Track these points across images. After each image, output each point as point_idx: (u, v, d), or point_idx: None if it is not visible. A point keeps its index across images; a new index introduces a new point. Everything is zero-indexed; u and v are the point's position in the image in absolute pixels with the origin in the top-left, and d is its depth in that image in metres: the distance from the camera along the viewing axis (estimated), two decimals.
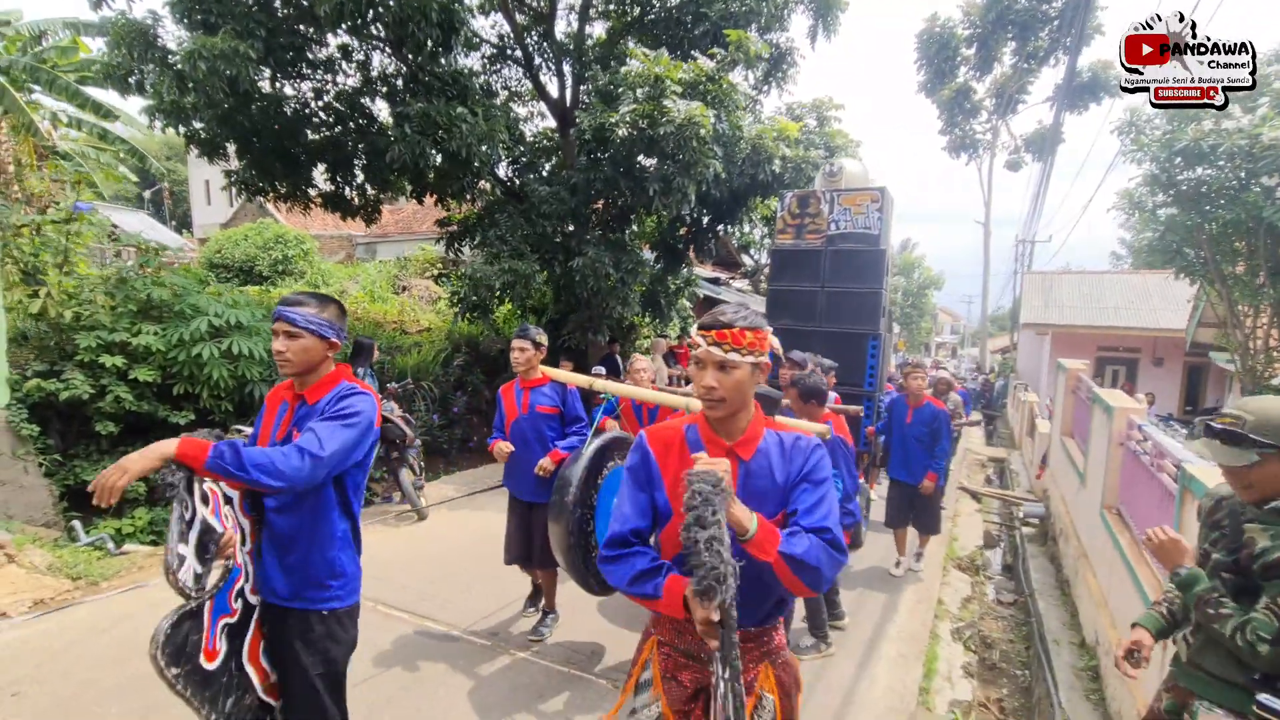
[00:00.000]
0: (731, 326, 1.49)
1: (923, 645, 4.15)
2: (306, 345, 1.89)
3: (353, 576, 2.02)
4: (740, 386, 1.50)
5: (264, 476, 1.64)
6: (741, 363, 1.48)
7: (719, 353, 1.48)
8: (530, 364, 3.56)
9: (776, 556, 1.38)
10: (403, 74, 8.10)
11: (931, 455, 4.95)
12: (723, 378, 1.49)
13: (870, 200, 5.82)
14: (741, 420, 1.57)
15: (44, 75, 8.96)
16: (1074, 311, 16.28)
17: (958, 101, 21.69)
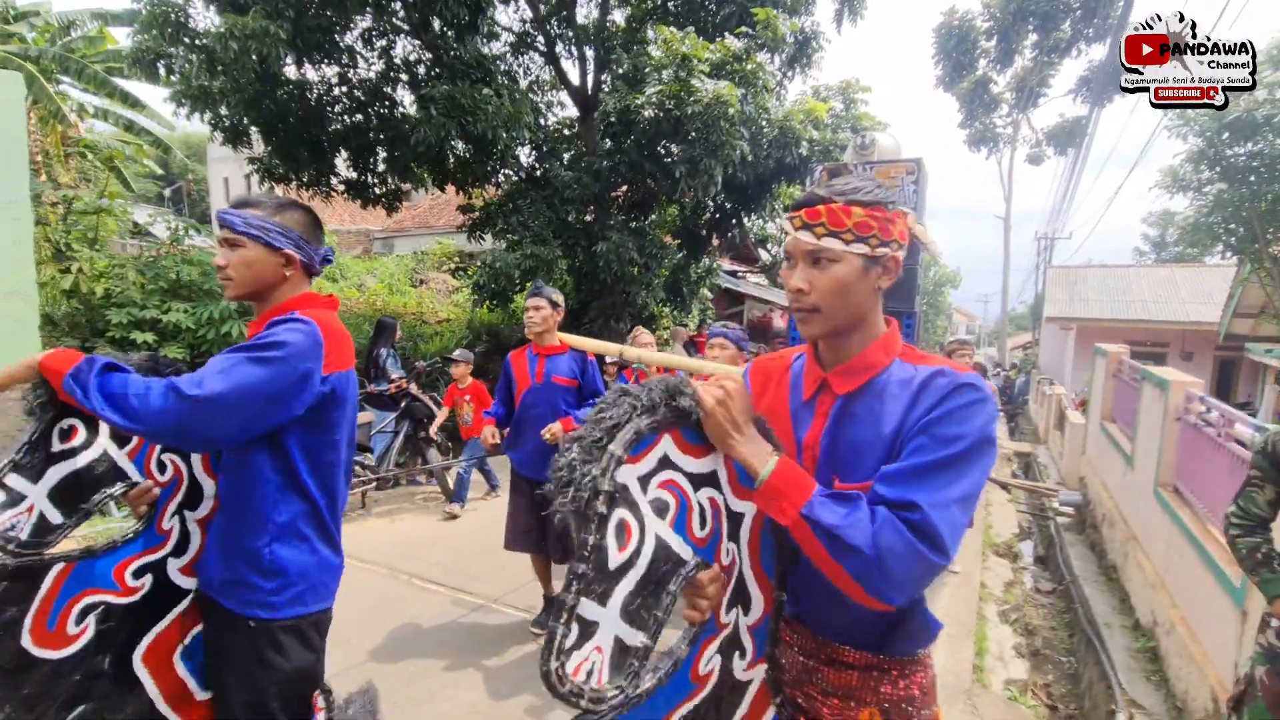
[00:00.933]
0: (829, 201, 1.02)
1: (971, 626, 4.02)
2: (250, 258, 1.42)
3: (301, 578, 1.42)
4: (844, 289, 1.02)
5: (109, 410, 1.22)
6: (844, 253, 1.01)
7: (809, 239, 1.03)
8: (547, 326, 3.18)
9: (795, 518, 0.94)
10: (425, 60, 8.08)
11: None
12: (815, 276, 1.03)
13: (906, 172, 5.66)
14: (854, 341, 1.08)
15: (73, 65, 9.03)
16: (1100, 305, 16.01)
17: (977, 94, 21.42)
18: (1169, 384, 4.18)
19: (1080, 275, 17.35)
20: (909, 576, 0.90)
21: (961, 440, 0.94)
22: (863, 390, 1.06)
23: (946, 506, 0.92)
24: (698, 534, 0.99)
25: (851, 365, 1.08)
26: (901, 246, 1.05)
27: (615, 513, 0.87)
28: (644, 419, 0.91)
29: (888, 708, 1.09)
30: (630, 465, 0.89)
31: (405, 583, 4.00)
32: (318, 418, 1.42)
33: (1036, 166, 22.27)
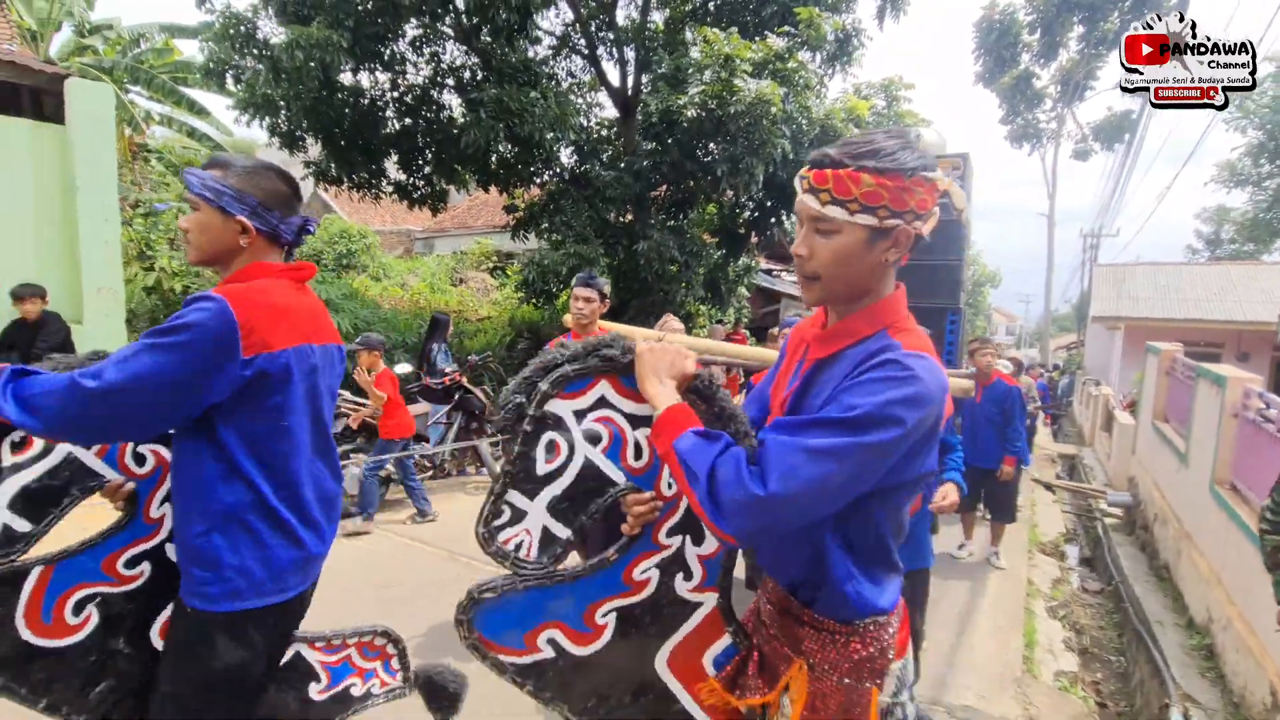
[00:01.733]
0: (839, 166, 0.95)
1: (1019, 619, 4.04)
2: (205, 221, 1.32)
3: (239, 573, 1.31)
4: (844, 260, 0.98)
5: (17, 415, 1.16)
6: (847, 223, 0.96)
7: (813, 204, 0.97)
8: (594, 318, 3.14)
9: (666, 450, 1.04)
10: (472, 65, 8.33)
11: (1004, 438, 4.60)
12: (817, 244, 0.99)
13: (951, 168, 5.65)
14: (858, 313, 1.05)
15: (142, 75, 9.55)
16: (1150, 304, 15.52)
17: (1019, 89, 20.94)
18: (1226, 380, 4.12)
19: (1128, 273, 16.84)
20: (732, 504, 0.92)
21: (855, 409, 0.91)
22: (835, 357, 1.04)
23: (792, 449, 0.91)
24: (633, 464, 1.19)
25: (834, 331, 1.06)
26: (920, 217, 0.97)
27: (545, 434, 1.15)
28: (572, 365, 1.14)
29: (814, 664, 1.10)
30: (564, 400, 1.16)
31: (464, 564, 4.19)
32: (254, 403, 1.29)
33: (1083, 162, 21.69)
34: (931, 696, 3.04)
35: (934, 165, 0.98)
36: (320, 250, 14.69)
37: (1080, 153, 21.59)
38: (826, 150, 0.98)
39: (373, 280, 12.94)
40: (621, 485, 1.19)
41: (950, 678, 3.24)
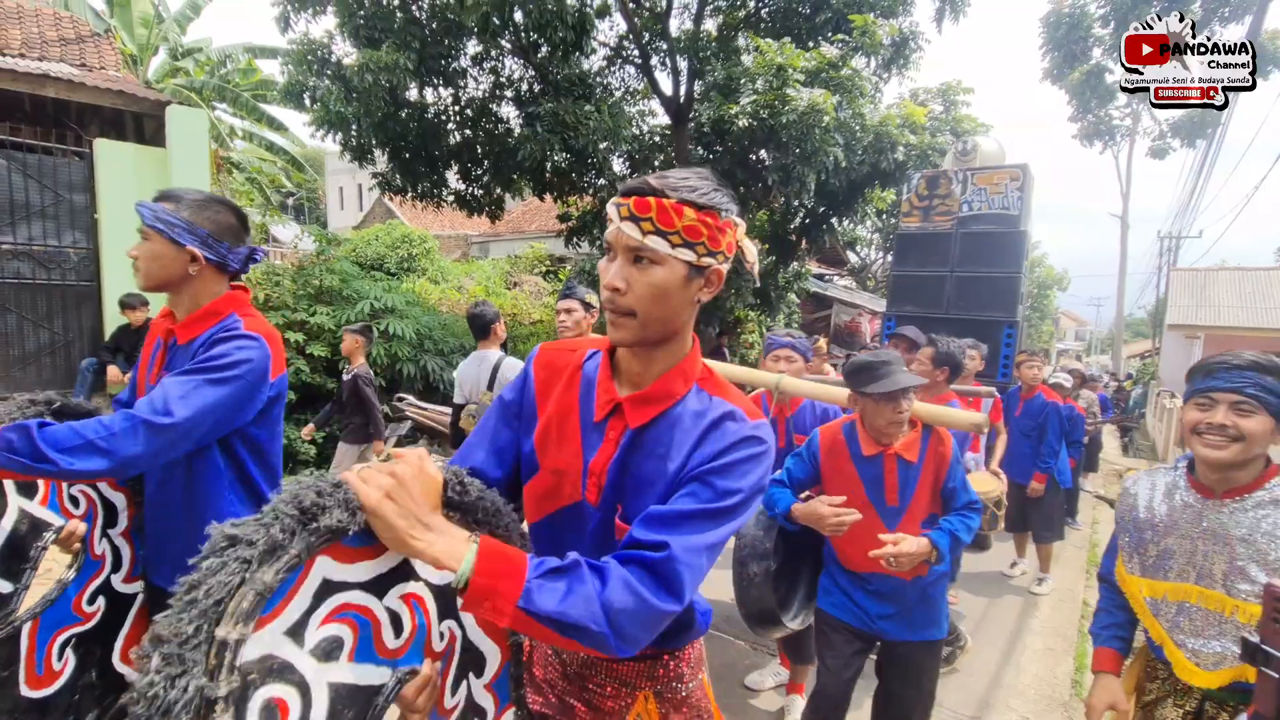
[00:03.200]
0: (662, 195, 0.90)
1: (1072, 641, 3.96)
2: (156, 251, 1.42)
3: None
4: (663, 295, 0.93)
5: (80, 462, 1.22)
6: (669, 256, 0.91)
7: (633, 233, 0.91)
8: (580, 330, 2.95)
9: (514, 615, 0.80)
10: (529, 78, 8.62)
11: (1037, 453, 4.48)
12: (634, 276, 0.93)
13: (1010, 179, 5.55)
14: (659, 358, 1.00)
15: (228, 94, 10.29)
16: (1233, 312, 14.59)
17: (1090, 85, 19.95)
18: None
19: (1209, 279, 15.86)
20: (642, 630, 0.84)
21: (735, 495, 0.91)
22: (656, 423, 0.99)
23: (697, 552, 0.87)
24: (392, 646, 0.85)
25: (649, 394, 1.00)
26: (728, 259, 0.96)
27: (255, 697, 0.67)
28: (268, 570, 0.68)
29: (660, 689, 1.12)
30: (268, 625, 0.69)
31: None
32: (263, 416, 1.49)
33: (1160, 160, 20.47)
34: (974, 716, 3.04)
35: (736, 211, 0.97)
36: (383, 255, 15.39)
37: (1157, 150, 20.38)
38: (646, 179, 0.92)
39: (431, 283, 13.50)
40: (390, 685, 0.84)
41: (995, 697, 3.23)
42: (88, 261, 5.45)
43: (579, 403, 1.04)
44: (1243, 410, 1.36)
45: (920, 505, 2.03)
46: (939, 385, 2.92)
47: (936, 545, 1.92)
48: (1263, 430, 1.35)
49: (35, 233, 5.27)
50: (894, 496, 2.01)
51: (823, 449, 2.13)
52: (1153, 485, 1.57)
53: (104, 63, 7.55)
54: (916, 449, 2.02)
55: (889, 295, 6.64)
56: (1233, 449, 1.36)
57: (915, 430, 2.05)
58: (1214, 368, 1.41)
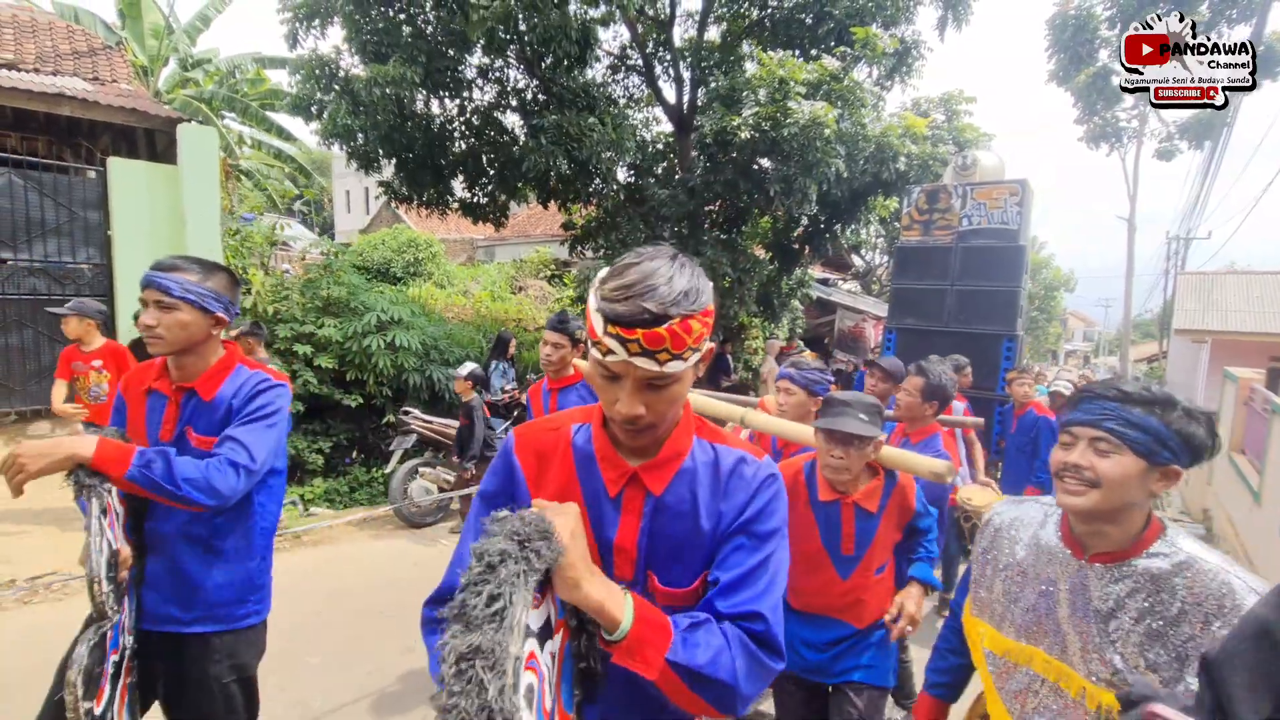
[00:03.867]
0: (667, 319, 0.85)
1: None
2: (185, 320, 1.53)
3: (266, 589, 1.72)
4: (676, 399, 0.94)
5: (196, 493, 1.39)
6: (684, 371, 0.91)
7: (649, 366, 0.87)
8: (563, 364, 2.80)
9: (662, 669, 0.84)
10: (533, 88, 8.70)
11: (1030, 469, 4.49)
12: (652, 399, 0.91)
13: (1009, 193, 5.58)
14: (674, 434, 1.01)
15: (237, 103, 10.41)
16: (1240, 317, 14.51)
17: (1096, 87, 19.86)
18: None
19: (1216, 282, 15.78)
20: (758, 689, 0.91)
21: (775, 536, 0.98)
22: (673, 483, 0.99)
23: (778, 604, 0.95)
24: (548, 705, 0.81)
25: (661, 458, 0.99)
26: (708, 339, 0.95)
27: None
28: (527, 591, 0.69)
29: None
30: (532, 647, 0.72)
31: None
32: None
33: (1167, 162, 20.34)
34: None
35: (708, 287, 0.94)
36: (390, 259, 15.53)
37: (1164, 152, 20.25)
38: (643, 305, 0.85)
39: (437, 287, 13.61)
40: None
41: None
42: (102, 277, 5.57)
43: (579, 480, 1.01)
44: (1100, 449, 1.11)
45: (877, 555, 1.91)
46: (926, 417, 2.75)
47: (927, 582, 1.92)
48: (1123, 474, 1.08)
49: (50, 249, 5.39)
50: (850, 545, 1.88)
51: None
52: (1017, 521, 1.31)
53: (116, 75, 7.67)
54: (877, 499, 1.88)
55: (890, 308, 6.68)
56: (1090, 496, 1.10)
57: (878, 478, 1.90)
58: (1079, 397, 1.19)
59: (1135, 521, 1.13)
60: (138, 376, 1.66)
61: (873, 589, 1.90)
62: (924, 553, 2.02)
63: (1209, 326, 14.58)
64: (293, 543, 4.73)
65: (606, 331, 0.88)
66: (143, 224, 5.45)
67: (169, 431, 1.58)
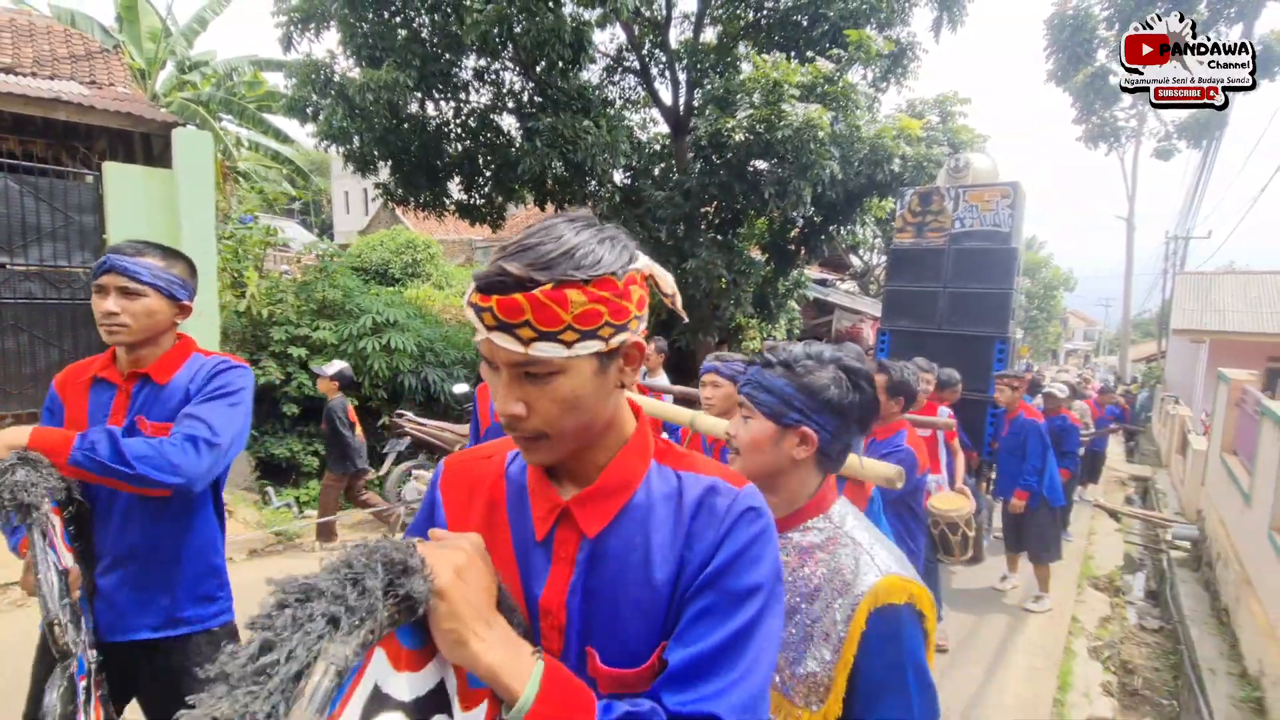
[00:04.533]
0: (530, 286, 0.65)
1: (1056, 659, 4.02)
2: (153, 307, 1.43)
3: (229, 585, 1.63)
4: (576, 406, 0.70)
5: (155, 472, 1.28)
6: (569, 361, 0.67)
7: (511, 346, 0.66)
8: None
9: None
10: (529, 90, 8.72)
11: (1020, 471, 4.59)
12: (533, 395, 0.69)
13: (1001, 196, 5.60)
14: (599, 452, 0.77)
15: (234, 106, 10.44)
16: (1238, 317, 14.51)
17: (1094, 87, 19.87)
18: None
19: (1215, 282, 15.79)
20: None
21: (757, 593, 0.70)
22: (618, 520, 0.74)
23: (754, 702, 0.68)
24: None
25: (600, 488, 0.75)
26: (642, 318, 0.72)
27: None
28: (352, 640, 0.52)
29: None
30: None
31: None
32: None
33: (1165, 161, 20.35)
34: None
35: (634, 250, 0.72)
36: (388, 260, 15.55)
37: (1162, 152, 20.25)
38: (505, 267, 0.64)
39: (435, 289, 13.63)
40: None
41: (975, 714, 3.30)
42: None
43: (509, 521, 0.79)
44: (744, 416, 1.11)
45: None
46: (892, 414, 2.78)
47: None
48: (752, 438, 1.06)
49: (46, 254, 5.41)
50: None
51: None
52: None
53: (113, 78, 7.69)
54: None
55: (883, 310, 6.69)
56: (737, 462, 1.08)
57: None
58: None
59: (793, 491, 1.10)
60: (76, 371, 1.53)
61: None
62: None
63: (1207, 326, 14.59)
64: (288, 544, 4.76)
65: (469, 301, 0.68)
66: (138, 228, 5.46)
67: (118, 421, 1.45)
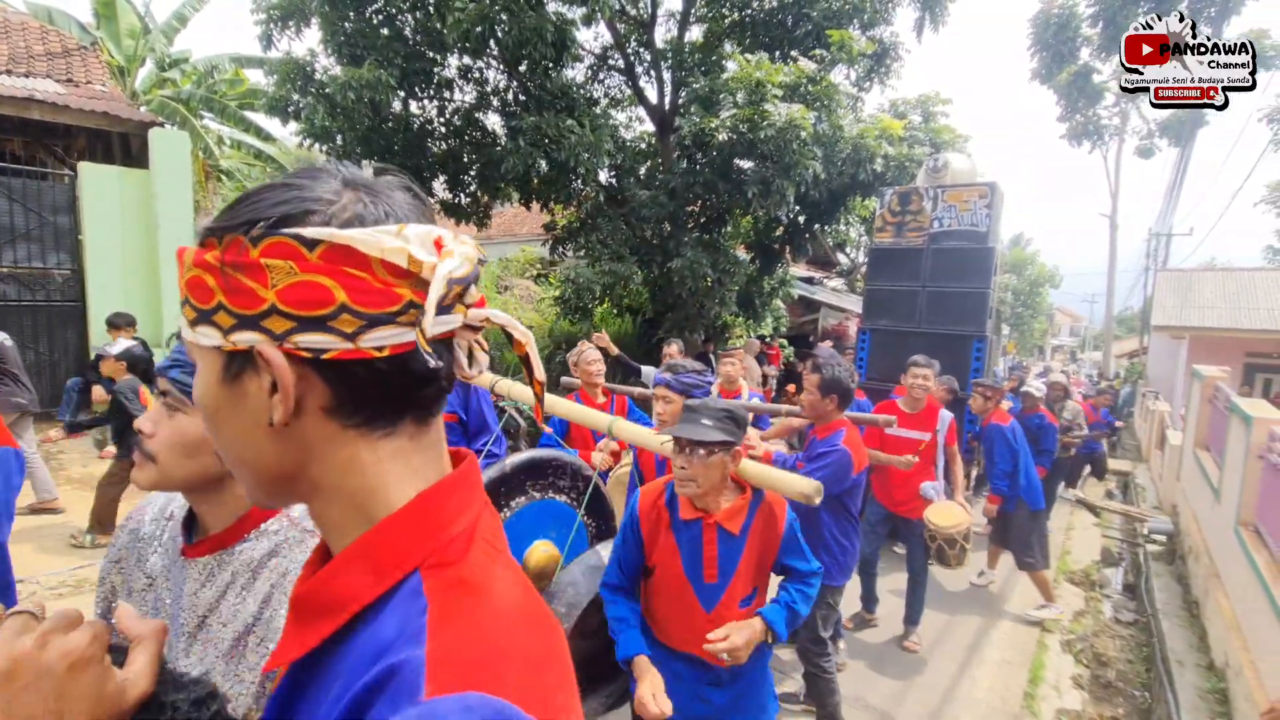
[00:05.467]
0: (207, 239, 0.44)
1: (1029, 653, 4.09)
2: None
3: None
4: (222, 431, 0.48)
5: None
6: (192, 347, 0.47)
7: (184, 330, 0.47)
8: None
9: None
10: (513, 89, 8.70)
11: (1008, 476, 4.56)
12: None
13: (978, 196, 5.65)
14: (351, 551, 0.46)
15: (215, 104, 10.34)
16: (1217, 313, 14.71)
17: (1078, 85, 20.06)
18: (1253, 420, 4.05)
19: (1195, 279, 15.99)
20: None
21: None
22: (315, 664, 0.46)
23: None
24: None
25: (302, 595, 0.47)
26: (321, 323, 0.43)
27: None
28: None
29: None
30: None
31: None
32: None
33: (1147, 160, 20.60)
34: None
35: (342, 209, 0.45)
36: None
37: (1144, 150, 20.52)
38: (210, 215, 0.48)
39: None
40: None
41: (946, 710, 3.36)
42: (72, 282, 5.54)
43: None
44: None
45: (741, 583, 1.74)
46: (830, 413, 2.66)
47: (771, 626, 1.69)
48: None
49: (20, 255, 5.35)
50: (712, 572, 1.71)
51: (642, 514, 1.78)
52: None
53: (90, 76, 7.61)
54: (740, 520, 1.71)
55: (864, 309, 6.74)
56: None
57: (743, 496, 1.74)
58: None
59: None
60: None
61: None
62: (786, 597, 1.77)
63: (1187, 323, 14.79)
64: None
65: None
66: (114, 229, 5.43)
67: None
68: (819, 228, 9.59)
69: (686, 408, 1.72)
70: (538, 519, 2.10)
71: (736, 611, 1.72)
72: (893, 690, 3.49)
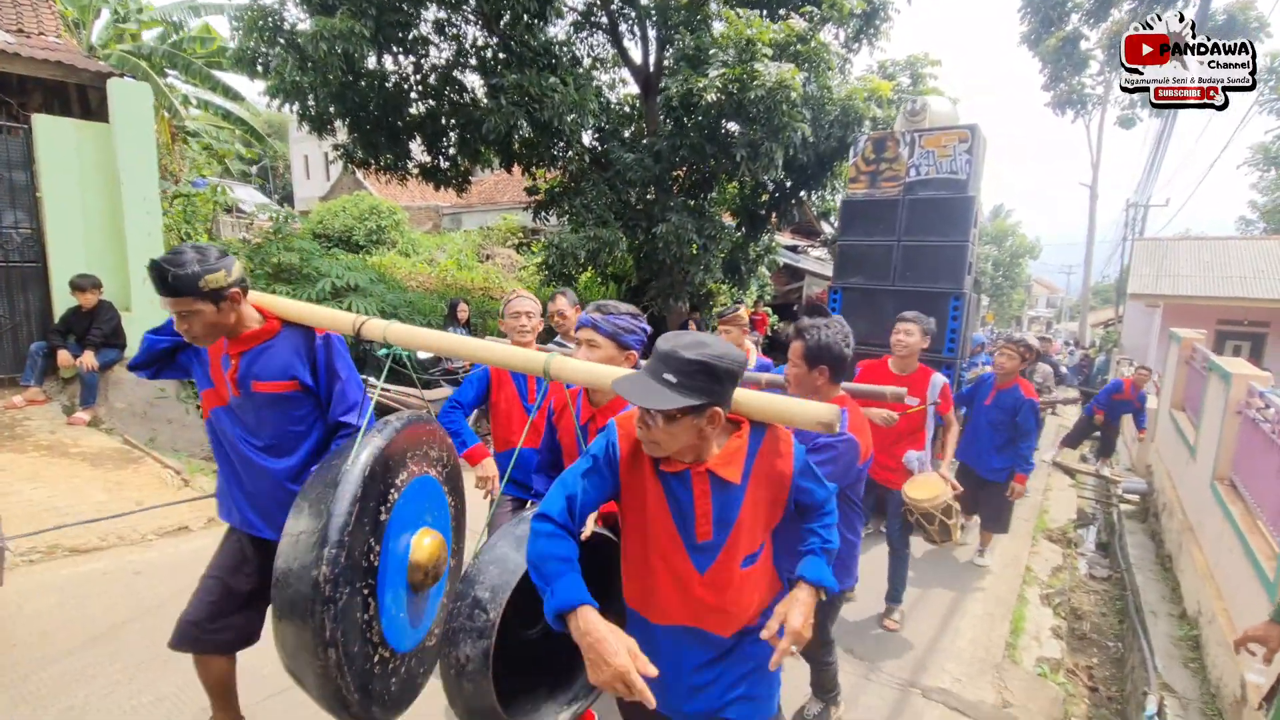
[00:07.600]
0: None
1: (1010, 606, 4.18)
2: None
3: None
4: None
5: None
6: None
7: None
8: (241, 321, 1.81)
9: None
10: (493, 45, 8.39)
11: (1011, 448, 4.24)
12: None
13: (958, 140, 5.36)
14: None
15: (180, 61, 9.85)
16: (1191, 281, 14.97)
17: (1064, 52, 20.00)
18: (1231, 376, 4.11)
19: (1170, 249, 16.23)
20: None
21: None
22: None
23: None
24: None
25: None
26: None
27: None
28: None
29: None
30: None
31: None
32: None
33: (1128, 130, 20.72)
34: (909, 679, 3.22)
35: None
36: (351, 227, 15.08)
37: (1125, 120, 20.62)
38: None
39: (401, 256, 13.28)
40: None
41: (930, 660, 3.42)
42: (32, 242, 5.29)
43: None
44: None
45: (744, 539, 1.41)
46: (821, 389, 2.08)
47: (819, 584, 1.38)
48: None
49: None
50: (706, 529, 1.38)
51: (623, 447, 1.41)
52: None
53: (43, 27, 7.17)
54: (739, 465, 1.38)
55: (835, 266, 6.42)
56: None
57: (738, 435, 1.40)
58: None
59: None
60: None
61: (739, 586, 1.43)
62: (816, 542, 1.46)
63: (1161, 291, 15.04)
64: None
65: None
66: (74, 185, 5.17)
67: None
68: (805, 194, 9.49)
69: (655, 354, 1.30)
70: (417, 501, 1.69)
71: (737, 572, 1.41)
72: (878, 641, 3.54)
